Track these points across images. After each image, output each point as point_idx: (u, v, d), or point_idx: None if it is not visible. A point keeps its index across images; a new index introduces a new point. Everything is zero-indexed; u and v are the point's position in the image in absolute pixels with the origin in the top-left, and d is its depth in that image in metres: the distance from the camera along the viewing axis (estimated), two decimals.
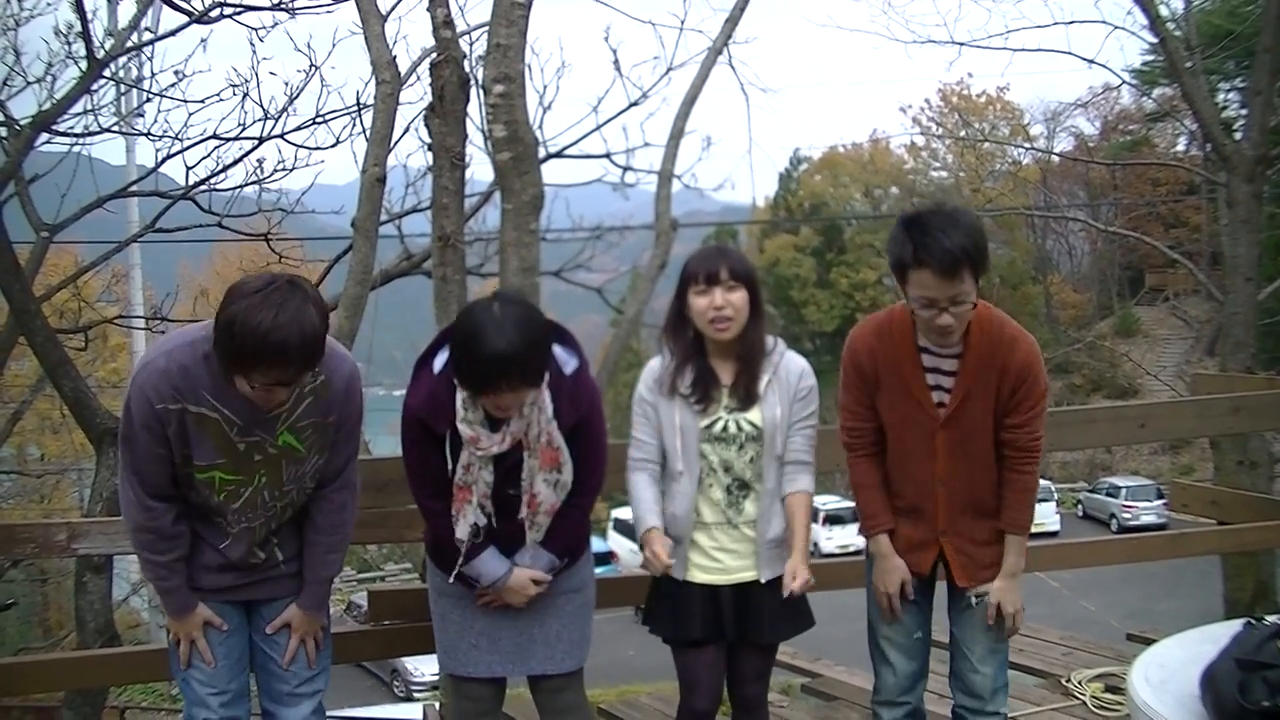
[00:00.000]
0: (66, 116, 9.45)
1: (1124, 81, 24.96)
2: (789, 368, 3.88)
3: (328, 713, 3.80)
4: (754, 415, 3.81)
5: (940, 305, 3.54)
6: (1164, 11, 13.02)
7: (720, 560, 3.86)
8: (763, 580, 3.85)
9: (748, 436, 3.81)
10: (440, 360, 3.54)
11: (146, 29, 9.98)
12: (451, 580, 3.72)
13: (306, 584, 3.63)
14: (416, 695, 25.24)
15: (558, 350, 3.60)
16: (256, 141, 10.23)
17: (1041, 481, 4.17)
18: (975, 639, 3.93)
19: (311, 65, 10.17)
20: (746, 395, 3.81)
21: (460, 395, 3.49)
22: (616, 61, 9.95)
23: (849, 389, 3.92)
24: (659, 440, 3.86)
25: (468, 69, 5.85)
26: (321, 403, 3.38)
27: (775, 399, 3.82)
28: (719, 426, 3.81)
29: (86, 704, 9.05)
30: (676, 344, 3.85)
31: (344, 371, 3.45)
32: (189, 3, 8.79)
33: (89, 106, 9.87)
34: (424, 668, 24.43)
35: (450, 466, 3.54)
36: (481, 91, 5.55)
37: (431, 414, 3.51)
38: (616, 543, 33.27)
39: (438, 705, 5.98)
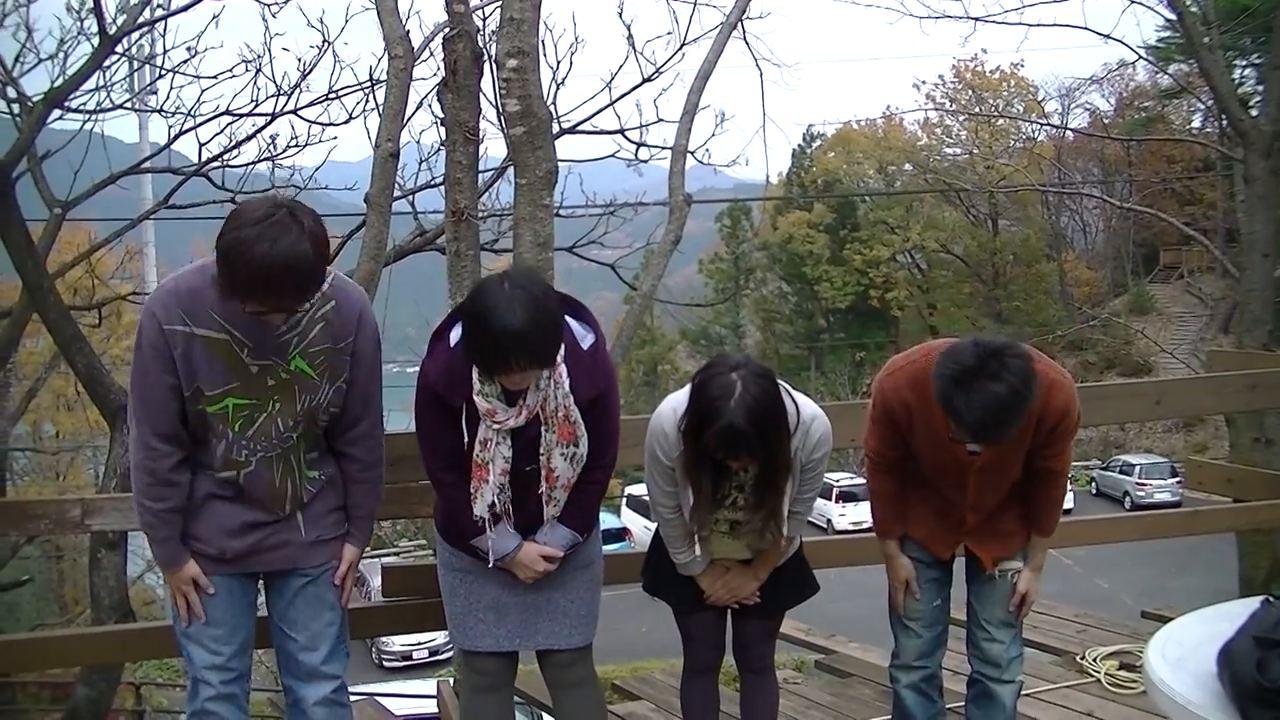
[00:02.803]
0: (79, 93, 9.45)
1: (1140, 57, 24.78)
2: (804, 446, 3.68)
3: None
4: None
5: (977, 451, 3.62)
6: None
7: (718, 550, 3.92)
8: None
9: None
10: (456, 333, 3.51)
11: (158, 5, 9.95)
12: (459, 552, 3.74)
13: (356, 520, 3.65)
14: (386, 664, 25.39)
15: (573, 324, 3.56)
16: (269, 118, 10.24)
17: None
18: (993, 609, 4.01)
19: (324, 41, 10.16)
20: (757, 507, 3.72)
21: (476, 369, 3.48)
22: (630, 37, 9.88)
23: (880, 430, 3.91)
24: (676, 488, 3.77)
25: (481, 43, 5.83)
26: (334, 329, 3.40)
27: (788, 493, 3.72)
28: (728, 500, 3.76)
29: (102, 680, 9.11)
30: (694, 483, 3.66)
31: (354, 300, 3.49)
32: None
33: (101, 83, 9.87)
34: (395, 638, 24.43)
35: (466, 439, 3.51)
36: (495, 66, 5.52)
37: (448, 387, 3.48)
38: (630, 519, 33.36)
39: (452, 681, 5.99)
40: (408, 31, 6.45)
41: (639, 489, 32.70)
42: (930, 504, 3.97)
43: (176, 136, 10.73)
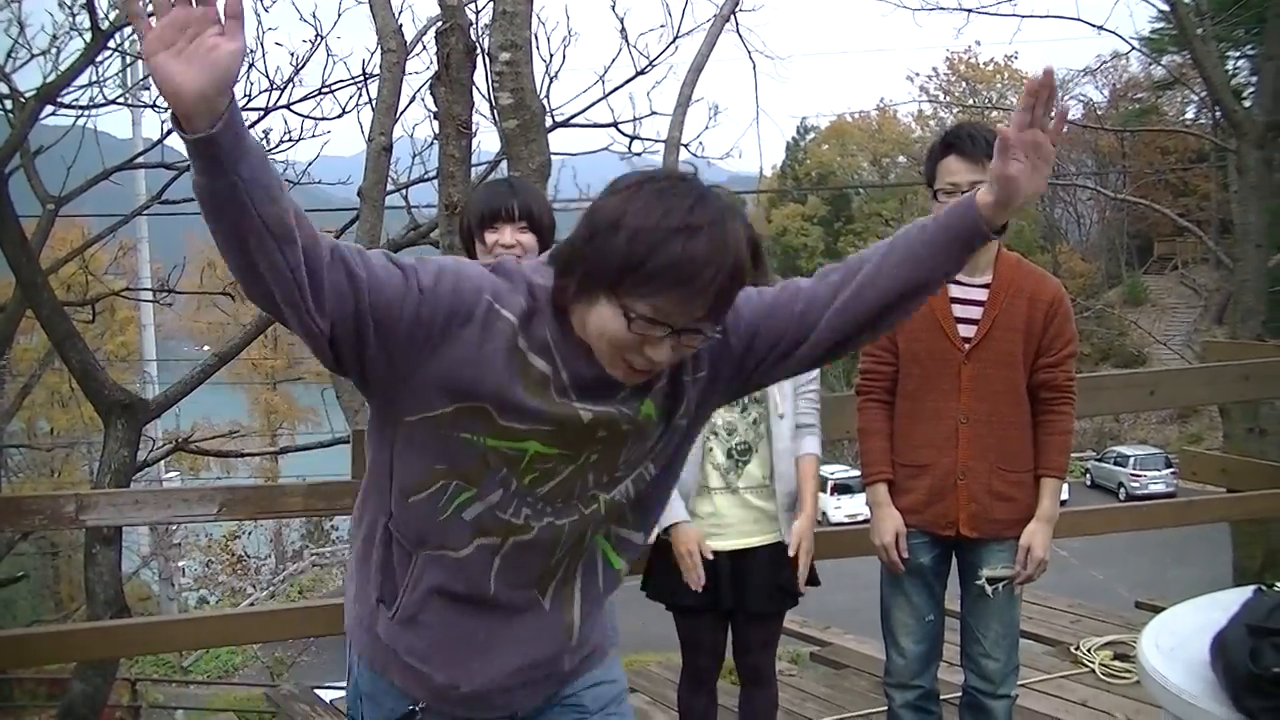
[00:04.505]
0: (71, 88, 9.46)
1: (1133, 48, 24.74)
2: None
3: (331, 686, 3.63)
4: None
5: (962, 189, 3.49)
6: None
7: (718, 528, 3.86)
8: (788, 543, 3.86)
9: (750, 399, 3.79)
10: None
11: None
12: None
13: None
14: None
15: None
16: (262, 112, 10.24)
17: None
18: (988, 625, 3.88)
19: (317, 35, 10.17)
20: None
21: None
22: (623, 29, 9.89)
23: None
24: None
25: (474, 36, 5.83)
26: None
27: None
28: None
29: (97, 675, 9.10)
30: None
31: None
32: None
33: (94, 78, 9.88)
34: None
35: None
36: (488, 59, 5.53)
37: None
38: None
39: None
40: (400, 25, 6.46)
41: None
42: (922, 451, 3.82)
43: (170, 131, 10.55)
